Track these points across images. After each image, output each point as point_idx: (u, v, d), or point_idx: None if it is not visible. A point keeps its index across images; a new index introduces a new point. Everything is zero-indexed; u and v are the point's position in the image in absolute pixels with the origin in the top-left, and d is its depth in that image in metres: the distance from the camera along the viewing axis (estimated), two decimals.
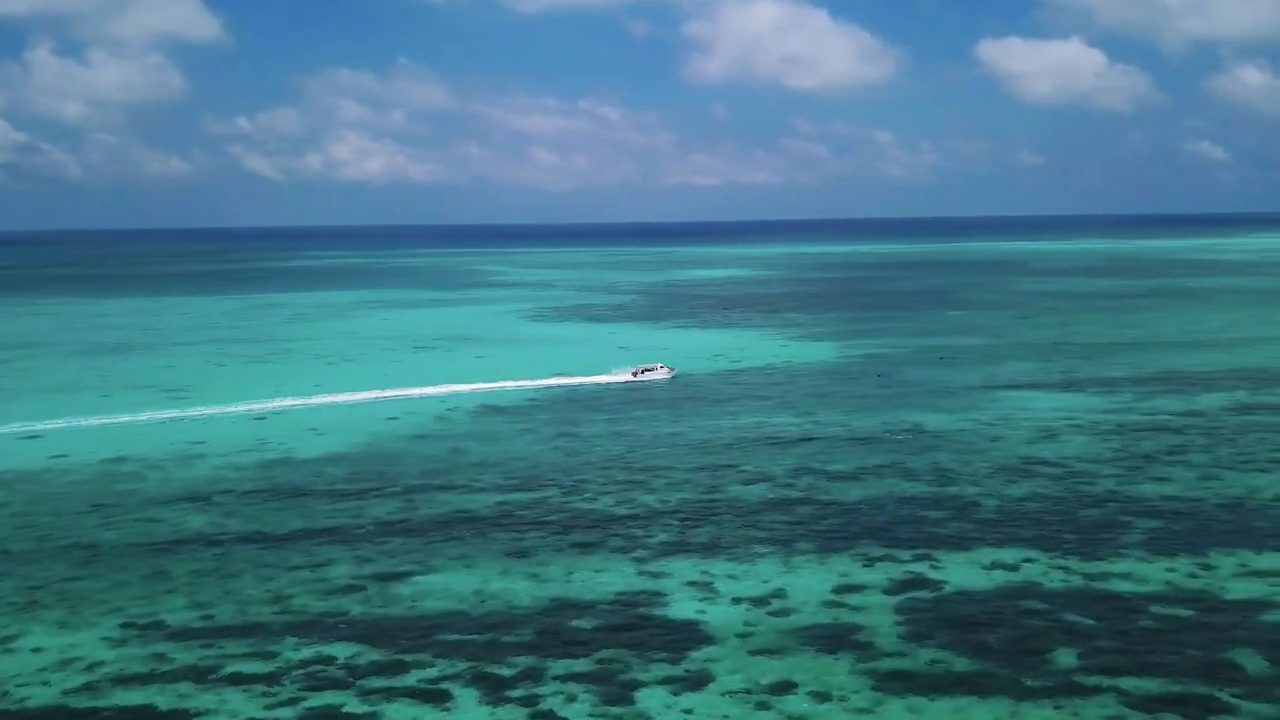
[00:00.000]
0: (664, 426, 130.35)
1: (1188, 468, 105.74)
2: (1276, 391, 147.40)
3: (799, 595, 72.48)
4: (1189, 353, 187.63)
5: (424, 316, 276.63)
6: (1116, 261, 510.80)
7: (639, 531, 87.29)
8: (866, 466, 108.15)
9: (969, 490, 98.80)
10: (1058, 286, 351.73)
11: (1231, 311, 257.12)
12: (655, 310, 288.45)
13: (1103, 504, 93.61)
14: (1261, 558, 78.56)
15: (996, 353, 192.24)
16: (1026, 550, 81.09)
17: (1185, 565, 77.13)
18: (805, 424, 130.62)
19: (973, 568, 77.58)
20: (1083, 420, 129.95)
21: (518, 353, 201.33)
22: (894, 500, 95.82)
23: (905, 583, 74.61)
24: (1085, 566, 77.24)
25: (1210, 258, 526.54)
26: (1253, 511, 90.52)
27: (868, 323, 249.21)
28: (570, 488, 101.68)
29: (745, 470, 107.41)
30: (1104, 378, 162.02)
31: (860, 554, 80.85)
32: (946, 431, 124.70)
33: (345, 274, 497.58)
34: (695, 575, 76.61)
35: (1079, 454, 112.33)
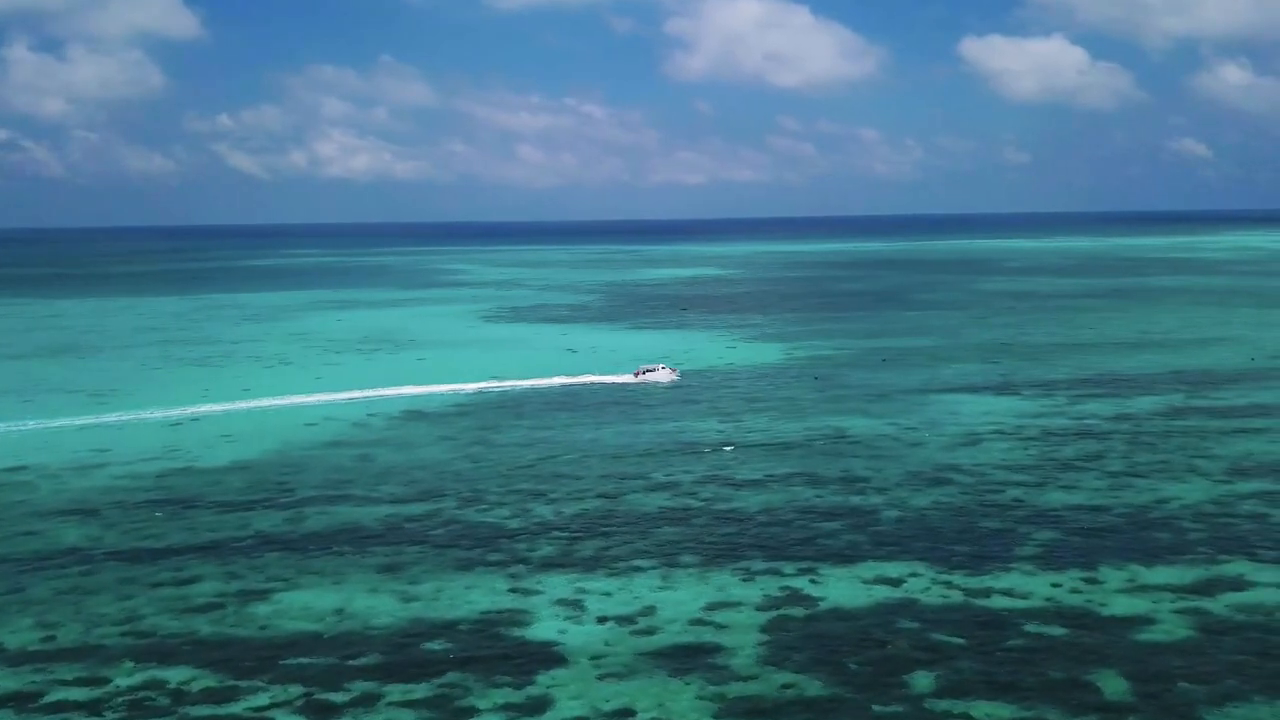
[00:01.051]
0: (584, 433, 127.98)
1: (1101, 476, 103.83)
2: (1211, 395, 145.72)
3: (668, 613, 70.21)
4: (1135, 354, 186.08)
5: (376, 318, 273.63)
6: (1087, 260, 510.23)
7: (523, 546, 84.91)
8: (776, 474, 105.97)
9: (873, 500, 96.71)
10: (1021, 286, 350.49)
11: (1188, 312, 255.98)
12: (614, 311, 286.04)
13: (1005, 514, 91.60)
14: (1152, 571, 76.60)
15: (942, 354, 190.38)
16: (915, 564, 78.99)
17: (1071, 580, 75.09)
18: (728, 429, 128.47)
19: (854, 583, 75.43)
20: (1009, 425, 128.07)
21: (457, 355, 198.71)
22: (794, 510, 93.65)
23: (780, 599, 72.42)
24: (969, 582, 75.16)
25: (1182, 256, 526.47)
26: (1155, 522, 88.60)
27: (822, 323, 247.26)
28: (469, 499, 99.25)
29: (653, 479, 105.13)
30: (1043, 380, 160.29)
31: (743, 568, 78.65)
32: (867, 437, 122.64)
33: (312, 273, 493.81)
34: (568, 592, 74.28)
35: (996, 461, 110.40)
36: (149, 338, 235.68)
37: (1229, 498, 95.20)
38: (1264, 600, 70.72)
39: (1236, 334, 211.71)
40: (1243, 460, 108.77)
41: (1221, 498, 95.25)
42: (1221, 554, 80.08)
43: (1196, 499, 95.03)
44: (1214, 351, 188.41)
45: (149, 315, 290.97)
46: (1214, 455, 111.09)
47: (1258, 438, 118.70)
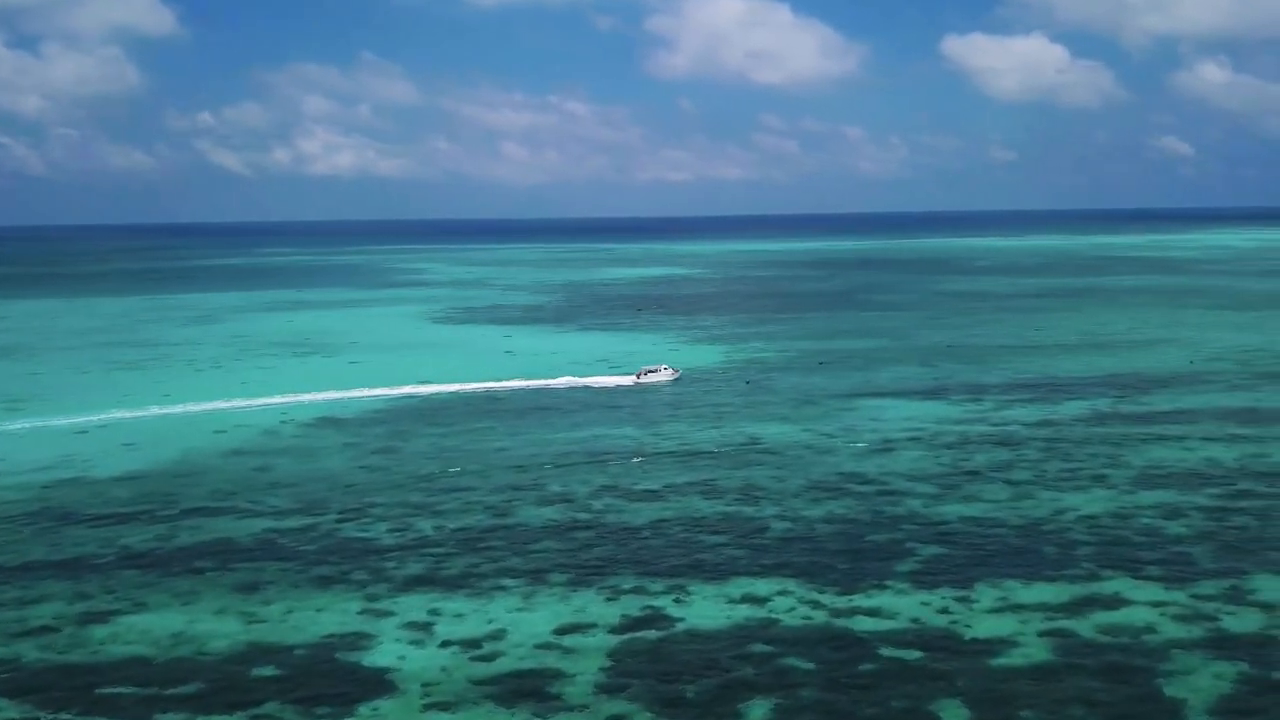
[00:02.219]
0: (496, 441, 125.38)
1: (1005, 486, 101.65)
2: (1140, 400, 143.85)
3: (516, 637, 67.67)
4: (1076, 357, 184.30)
5: (325, 319, 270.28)
6: (1056, 259, 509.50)
7: (391, 564, 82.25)
8: (675, 485, 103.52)
9: (766, 512, 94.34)
10: (982, 286, 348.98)
11: (1141, 312, 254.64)
12: (569, 312, 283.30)
13: (896, 527, 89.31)
14: (1029, 589, 74.36)
15: (882, 357, 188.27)
16: (788, 581, 76.62)
17: (943, 599, 72.80)
18: (643, 436, 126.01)
19: (719, 602, 73.00)
20: (928, 431, 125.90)
21: (392, 359, 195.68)
22: (681, 524, 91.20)
23: (637, 621, 69.95)
24: (837, 601, 72.83)
25: (1150, 255, 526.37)
26: (1046, 536, 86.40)
27: (772, 325, 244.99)
28: (353, 512, 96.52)
29: (548, 490, 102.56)
30: (976, 384, 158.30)
31: (611, 587, 76.14)
32: (781, 444, 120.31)
33: (277, 273, 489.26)
34: (420, 615, 71.66)
35: (903, 470, 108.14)
36: (87, 340, 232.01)
37: (1129, 509, 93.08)
38: (1134, 620, 68.54)
39: (1183, 336, 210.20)
40: (1152, 469, 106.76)
41: (1121, 509, 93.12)
42: (1105, 570, 77.90)
43: (1095, 511, 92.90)
44: (1156, 354, 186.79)
45: (96, 316, 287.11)
46: (1125, 464, 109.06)
47: (1174, 445, 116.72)
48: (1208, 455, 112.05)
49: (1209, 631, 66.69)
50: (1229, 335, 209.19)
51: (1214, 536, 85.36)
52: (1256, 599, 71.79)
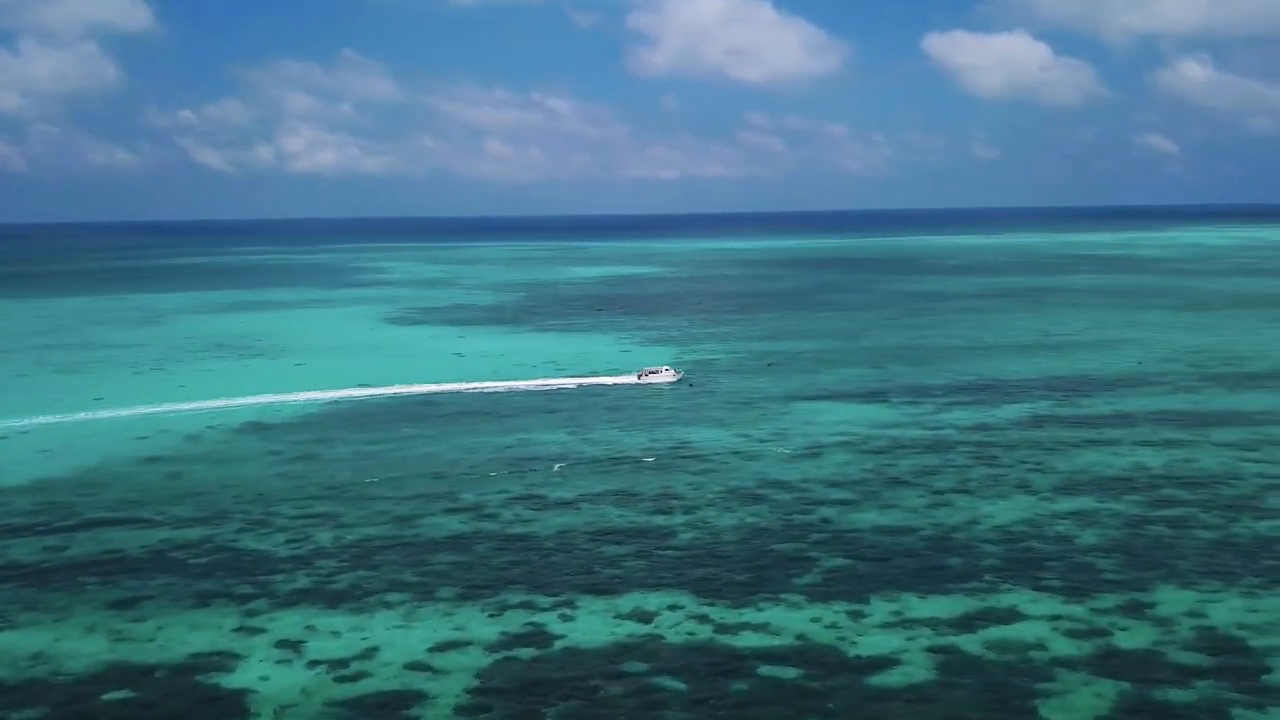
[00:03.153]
0: (421, 447, 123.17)
1: (925, 493, 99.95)
2: (1080, 403, 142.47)
3: (389, 655, 65.59)
4: (1025, 358, 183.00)
5: (278, 320, 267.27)
6: (1027, 257, 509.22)
7: (280, 577, 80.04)
8: (592, 493, 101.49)
9: (676, 521, 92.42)
10: (948, 285, 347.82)
11: (1100, 312, 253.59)
12: (526, 312, 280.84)
13: (804, 537, 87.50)
14: (925, 603, 72.59)
15: (832, 358, 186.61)
16: (681, 595, 74.70)
17: (834, 614, 71.00)
18: (572, 442, 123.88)
19: (606, 618, 71.02)
20: (859, 436, 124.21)
21: (337, 361, 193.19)
22: (588, 534, 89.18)
23: (518, 638, 67.92)
24: (728, 615, 70.94)
25: (1122, 253, 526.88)
26: (954, 546, 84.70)
27: (729, 325, 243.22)
28: (255, 522, 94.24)
29: (460, 500, 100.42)
30: (919, 386, 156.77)
31: (499, 602, 74.09)
32: (708, 450, 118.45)
33: (243, 272, 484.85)
34: (295, 632, 69.49)
35: (826, 476, 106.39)
36: (32, 342, 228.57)
37: (1044, 518, 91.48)
38: (1024, 636, 66.83)
39: (1137, 336, 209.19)
40: (1077, 475, 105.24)
41: (1036, 518, 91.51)
42: (1006, 582, 76.21)
43: (1010, 519, 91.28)
44: (1106, 355, 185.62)
45: (47, 317, 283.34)
46: (1051, 470, 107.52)
47: (1104, 450, 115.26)
48: (1136, 460, 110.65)
49: (1098, 648, 65.03)
50: (1182, 336, 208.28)
51: (1125, 546, 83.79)
52: (1154, 613, 70.20)
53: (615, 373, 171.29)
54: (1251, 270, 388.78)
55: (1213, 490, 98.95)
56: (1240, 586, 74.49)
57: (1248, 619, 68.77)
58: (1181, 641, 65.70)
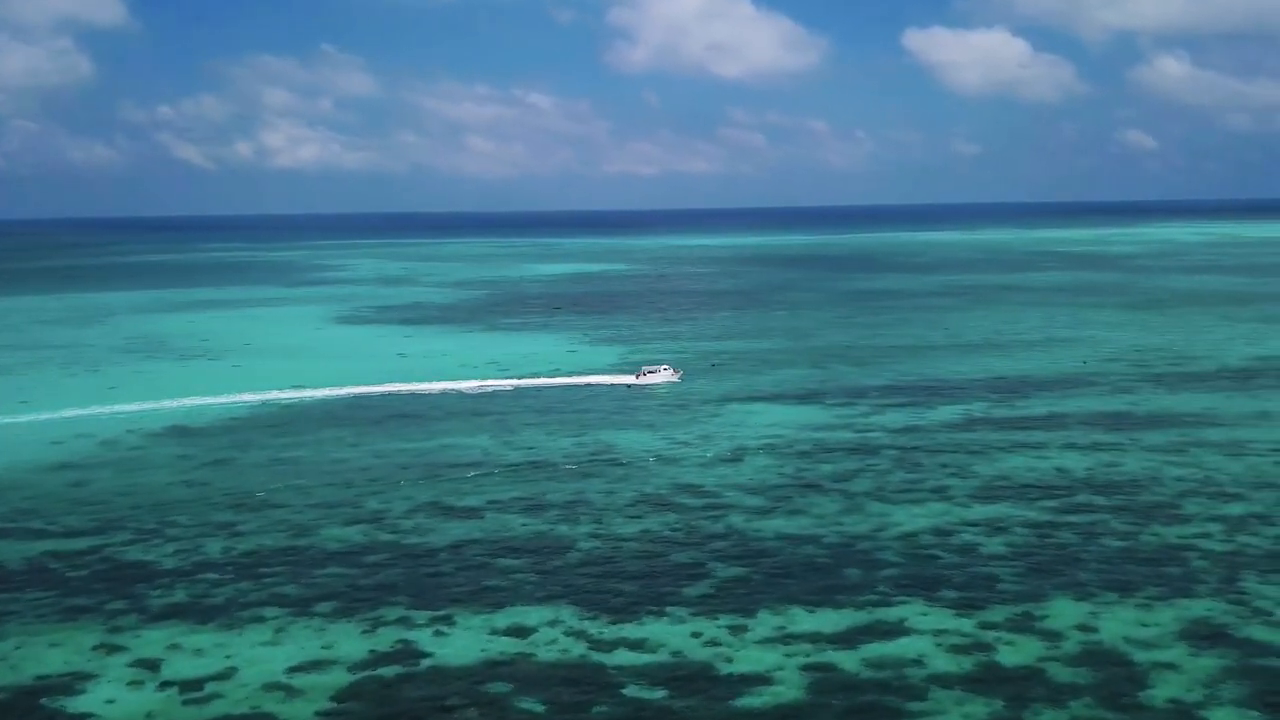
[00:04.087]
0: (339, 452, 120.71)
1: (839, 498, 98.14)
2: (1016, 404, 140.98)
3: (248, 675, 63.29)
4: (970, 358, 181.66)
5: (227, 320, 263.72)
6: (997, 254, 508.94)
7: (157, 591, 77.60)
8: (500, 501, 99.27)
9: (580, 529, 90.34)
10: (910, 283, 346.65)
11: (1057, 310, 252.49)
12: (482, 311, 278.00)
13: (705, 546, 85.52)
14: (813, 616, 70.70)
15: (776, 358, 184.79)
16: (564, 609, 72.61)
17: (717, 628, 69.04)
18: (493, 447, 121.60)
19: (482, 634, 68.90)
20: (786, 438, 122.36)
21: (275, 362, 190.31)
22: (486, 545, 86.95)
23: (385, 656, 65.72)
24: (606, 631, 68.90)
25: (1092, 250, 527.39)
26: (856, 555, 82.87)
27: (681, 324, 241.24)
28: (148, 532, 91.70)
29: (363, 508, 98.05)
30: (857, 387, 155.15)
31: (375, 617, 71.85)
32: (630, 454, 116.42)
33: (202, 269, 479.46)
34: (157, 650, 67.09)
35: (742, 481, 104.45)
36: None
37: (954, 525, 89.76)
38: (906, 652, 65.00)
39: (1088, 335, 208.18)
40: (997, 480, 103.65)
41: (946, 525, 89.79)
42: (900, 594, 74.39)
43: (919, 527, 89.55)
44: (1053, 354, 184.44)
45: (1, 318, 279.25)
46: (971, 474, 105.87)
47: (1029, 453, 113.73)
48: (1059, 465, 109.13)
49: (979, 665, 63.27)
50: (1133, 335, 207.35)
51: (1029, 556, 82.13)
52: (1043, 627, 68.47)
53: (612, 372, 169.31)
54: (1214, 267, 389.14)
55: (1130, 496, 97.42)
56: (1137, 598, 72.84)
57: (1137, 633, 67.10)
58: (1065, 657, 63.95)
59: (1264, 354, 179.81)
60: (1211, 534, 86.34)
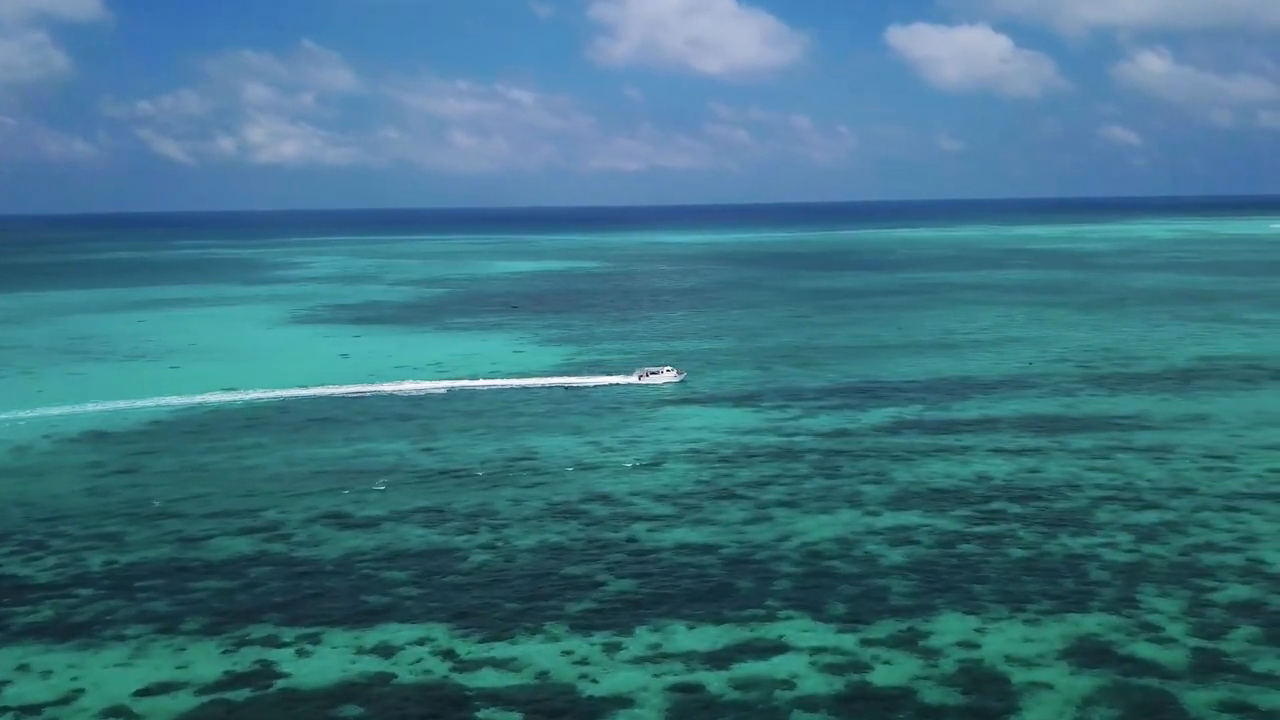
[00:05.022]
0: (253, 458, 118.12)
1: (749, 507, 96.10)
2: (951, 406, 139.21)
3: (92, 699, 60.91)
4: (916, 358, 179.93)
5: (174, 319, 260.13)
6: (968, 251, 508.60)
7: (23, 608, 74.96)
8: (403, 511, 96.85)
9: (477, 541, 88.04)
10: (872, 281, 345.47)
11: (1013, 309, 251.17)
12: (436, 311, 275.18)
13: (602, 558, 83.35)
14: (692, 633, 68.58)
15: (719, 359, 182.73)
16: (438, 626, 70.35)
17: (590, 646, 66.87)
18: (410, 453, 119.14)
19: (347, 654, 66.56)
20: (712, 442, 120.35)
21: (215, 363, 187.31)
22: (377, 558, 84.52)
23: (240, 677, 63.37)
24: (476, 649, 66.70)
25: (1062, 247, 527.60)
26: (753, 567, 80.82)
27: (636, 323, 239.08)
28: (31, 544, 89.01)
29: (260, 519, 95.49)
30: (795, 389, 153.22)
31: (240, 635, 69.44)
32: (549, 461, 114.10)
33: (159, 267, 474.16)
34: (4, 672, 64.48)
35: (656, 488, 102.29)
36: None
37: (859, 535, 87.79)
38: (777, 672, 62.99)
39: (1039, 335, 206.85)
40: (913, 486, 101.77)
41: (851, 535, 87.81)
42: (788, 609, 72.38)
43: (824, 536, 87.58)
44: (1000, 354, 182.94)
45: None
46: (889, 480, 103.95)
47: (951, 459, 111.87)
48: (980, 470, 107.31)
49: (849, 686, 61.30)
50: (1084, 335, 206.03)
51: (928, 567, 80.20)
52: (925, 644, 66.51)
53: (611, 372, 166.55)
54: (1179, 265, 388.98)
55: (1044, 504, 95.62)
56: (1027, 613, 70.92)
57: (1018, 651, 65.18)
58: (939, 677, 62.00)
59: (1209, 354, 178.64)
60: (1119, 544, 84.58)
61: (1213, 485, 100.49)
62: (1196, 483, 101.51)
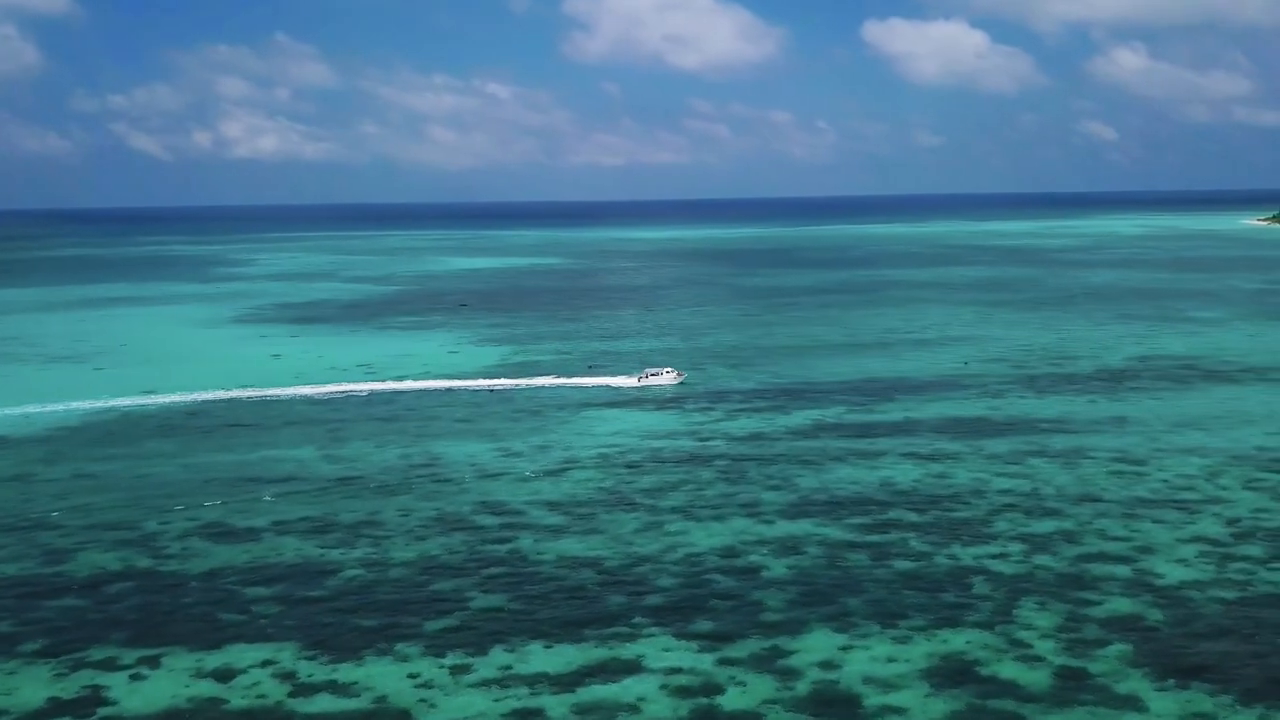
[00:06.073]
0: (150, 466, 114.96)
1: (643, 514, 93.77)
2: (875, 409, 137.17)
3: None
4: (854, 358, 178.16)
5: (112, 319, 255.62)
6: (930, 248, 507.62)
7: None
8: (286, 522, 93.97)
9: (353, 555, 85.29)
10: (827, 278, 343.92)
11: (961, 308, 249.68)
12: (382, 310, 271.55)
13: (476, 572, 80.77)
14: (548, 654, 66.09)
15: (655, 359, 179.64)
16: (287, 647, 67.67)
17: (437, 670, 64.35)
18: (313, 461, 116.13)
19: (183, 678, 63.78)
20: (624, 446, 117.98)
21: (143, 365, 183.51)
22: (241, 573, 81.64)
23: (65, 704, 60.71)
24: (319, 673, 64.05)
25: (1026, 243, 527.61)
26: (627, 582, 78.34)
27: (582, 321, 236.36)
28: None
29: (137, 530, 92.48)
30: (721, 390, 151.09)
31: (77, 658, 66.59)
32: (451, 468, 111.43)
33: (109, 265, 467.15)
34: None
35: (554, 497, 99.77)
36: None
37: (746, 545, 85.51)
38: (625, 695, 60.63)
39: (983, 333, 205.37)
40: (815, 493, 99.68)
41: (738, 545, 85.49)
42: (653, 625, 69.98)
43: (710, 546, 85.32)
44: (939, 354, 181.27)
45: None
46: (792, 487, 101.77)
47: (861, 464, 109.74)
48: (888, 476, 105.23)
49: (697, 710, 59.04)
50: (1027, 333, 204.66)
51: (809, 580, 77.99)
52: (784, 664, 64.27)
53: (613, 374, 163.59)
54: (1138, 261, 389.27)
55: (943, 512, 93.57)
56: (898, 630, 68.75)
57: (879, 671, 62.98)
58: (791, 701, 59.76)
59: (1146, 354, 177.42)
60: (1009, 555, 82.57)
61: (1118, 492, 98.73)
62: (1103, 489, 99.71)
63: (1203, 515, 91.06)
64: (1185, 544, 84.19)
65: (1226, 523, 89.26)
